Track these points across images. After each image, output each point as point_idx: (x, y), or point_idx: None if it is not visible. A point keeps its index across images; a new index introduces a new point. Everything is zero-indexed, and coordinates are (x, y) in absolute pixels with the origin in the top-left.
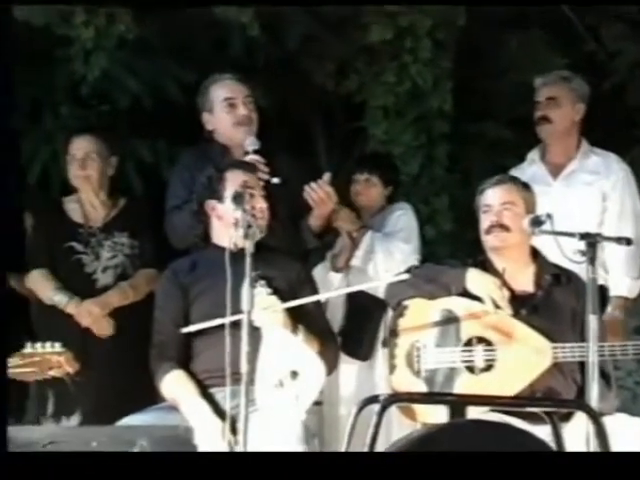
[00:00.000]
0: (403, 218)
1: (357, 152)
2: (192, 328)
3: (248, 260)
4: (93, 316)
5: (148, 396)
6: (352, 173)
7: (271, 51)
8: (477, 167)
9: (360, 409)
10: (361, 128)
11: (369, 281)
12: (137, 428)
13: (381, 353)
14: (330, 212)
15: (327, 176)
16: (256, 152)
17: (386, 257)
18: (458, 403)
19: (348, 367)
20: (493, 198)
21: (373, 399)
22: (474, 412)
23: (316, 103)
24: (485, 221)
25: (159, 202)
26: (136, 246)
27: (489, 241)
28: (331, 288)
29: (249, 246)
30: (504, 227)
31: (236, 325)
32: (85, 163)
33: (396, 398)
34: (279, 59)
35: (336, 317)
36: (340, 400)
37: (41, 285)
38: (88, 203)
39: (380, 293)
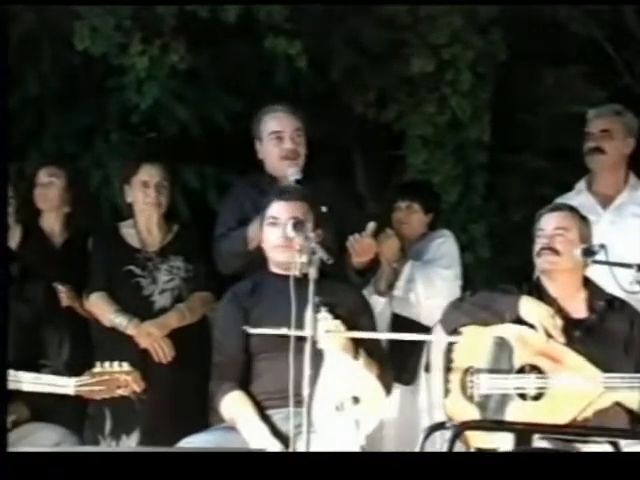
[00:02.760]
0: (444, 245)
1: (396, 180)
2: (258, 331)
3: (311, 286)
4: (152, 337)
5: (203, 416)
6: (393, 201)
7: (315, 81)
8: (514, 196)
9: (427, 436)
10: (400, 157)
11: (411, 309)
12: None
13: (424, 378)
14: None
15: (371, 226)
16: (298, 182)
17: (427, 285)
18: (527, 431)
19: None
20: (547, 223)
21: (439, 426)
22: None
23: (356, 131)
24: (537, 244)
25: (207, 227)
26: (190, 270)
27: (539, 264)
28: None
29: (313, 272)
30: (554, 251)
31: (298, 349)
32: (159, 190)
33: (467, 426)
34: (322, 89)
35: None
36: (383, 423)
37: (101, 307)
38: (145, 229)
39: (423, 319)
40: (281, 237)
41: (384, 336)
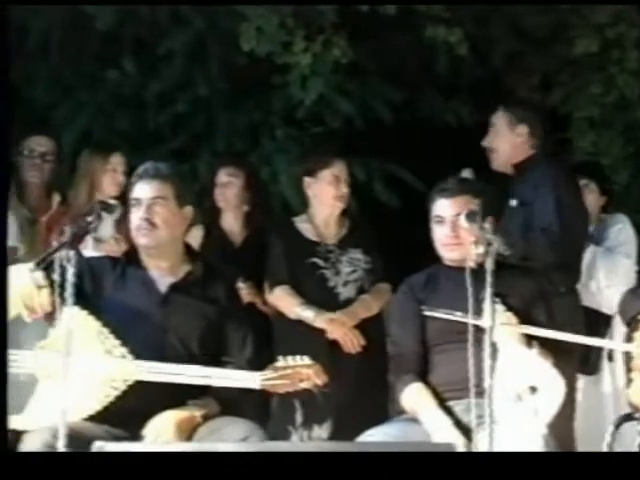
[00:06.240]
0: (623, 232)
1: None
2: (436, 314)
3: (489, 278)
4: (346, 327)
5: (385, 408)
6: None
7: (476, 68)
8: None
9: (617, 426)
10: (567, 140)
11: (592, 297)
12: (392, 445)
13: (607, 367)
14: None
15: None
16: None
17: (609, 273)
18: None
19: None
20: None
21: (628, 417)
22: None
23: None
24: None
25: (376, 219)
26: (369, 261)
27: None
28: None
29: (490, 264)
30: None
31: (474, 340)
32: (346, 184)
33: None
34: (484, 75)
35: None
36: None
37: (286, 301)
38: (323, 222)
39: (604, 308)
40: (448, 235)
41: (553, 335)
